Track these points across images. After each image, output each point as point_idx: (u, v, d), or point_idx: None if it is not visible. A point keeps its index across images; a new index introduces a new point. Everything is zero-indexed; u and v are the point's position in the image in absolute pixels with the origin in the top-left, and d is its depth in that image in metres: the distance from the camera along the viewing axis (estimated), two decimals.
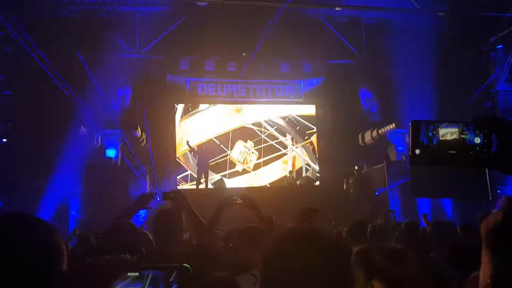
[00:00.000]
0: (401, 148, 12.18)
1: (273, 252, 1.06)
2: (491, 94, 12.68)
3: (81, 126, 10.64)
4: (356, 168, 12.33)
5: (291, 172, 13.46)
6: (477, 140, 1.06)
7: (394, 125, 11.74)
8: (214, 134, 13.44)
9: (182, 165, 13.15)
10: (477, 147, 1.05)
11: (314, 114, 14.10)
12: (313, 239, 1.06)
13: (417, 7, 11.93)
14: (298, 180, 13.51)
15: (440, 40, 11.77)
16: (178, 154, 13.15)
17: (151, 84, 12.27)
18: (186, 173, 13.16)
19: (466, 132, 1.06)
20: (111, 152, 11.60)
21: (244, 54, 12.13)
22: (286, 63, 13.35)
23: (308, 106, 14.17)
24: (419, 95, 11.38)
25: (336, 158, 12.90)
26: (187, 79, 13.31)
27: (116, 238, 2.57)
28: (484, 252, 0.95)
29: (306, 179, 13.70)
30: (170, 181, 12.30)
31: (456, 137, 1.07)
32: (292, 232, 1.12)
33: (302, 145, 14.05)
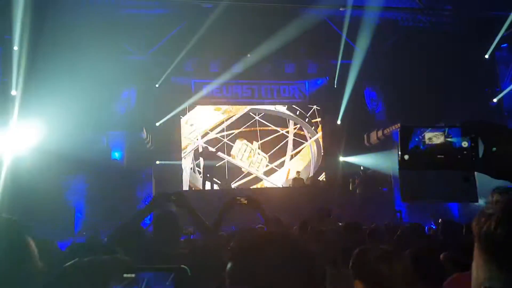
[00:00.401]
0: None
1: (239, 257, 1.03)
2: (496, 93, 12.59)
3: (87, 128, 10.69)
4: (362, 169, 12.29)
5: (298, 173, 13.43)
6: (465, 144, 1.07)
7: (399, 125, 11.64)
8: (219, 135, 13.45)
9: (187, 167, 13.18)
10: (465, 151, 1.07)
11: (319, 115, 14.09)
12: (276, 244, 1.03)
13: (422, 7, 11.87)
14: (305, 180, 13.47)
15: (445, 40, 11.71)
16: (183, 156, 13.16)
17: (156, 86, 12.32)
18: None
19: (451, 135, 1.08)
20: (117, 154, 11.64)
21: (249, 55, 12.13)
22: (291, 64, 13.35)
23: (313, 107, 14.15)
24: (424, 95, 11.31)
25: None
26: (192, 81, 13.35)
27: (121, 240, 2.57)
28: (477, 252, 0.89)
29: (312, 180, 13.66)
30: (175, 183, 12.32)
31: (443, 141, 1.09)
32: (257, 237, 1.09)
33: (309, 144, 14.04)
